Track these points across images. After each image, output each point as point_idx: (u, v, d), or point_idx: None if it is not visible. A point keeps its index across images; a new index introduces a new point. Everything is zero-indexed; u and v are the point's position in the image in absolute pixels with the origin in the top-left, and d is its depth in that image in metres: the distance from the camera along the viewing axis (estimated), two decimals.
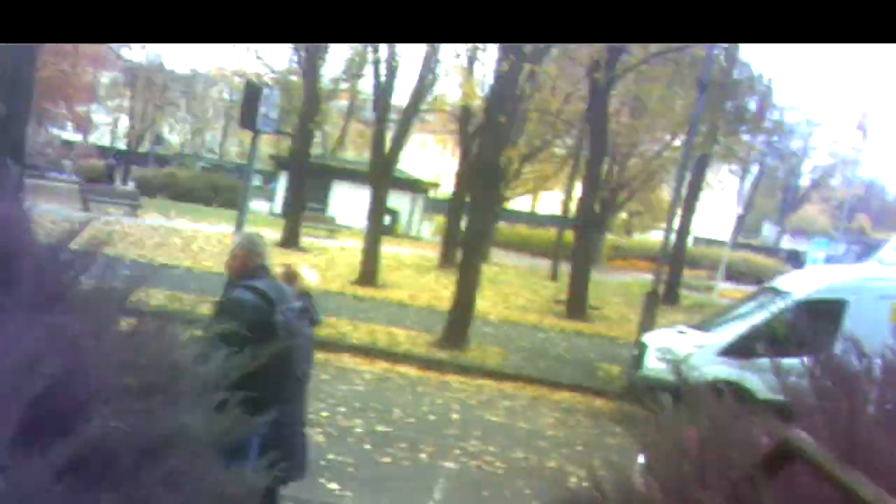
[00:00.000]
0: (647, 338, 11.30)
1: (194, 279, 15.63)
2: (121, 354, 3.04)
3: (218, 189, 38.70)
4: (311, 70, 23.78)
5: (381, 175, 20.12)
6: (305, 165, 25.98)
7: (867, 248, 34.66)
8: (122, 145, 52.64)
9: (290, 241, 24.28)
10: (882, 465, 1.98)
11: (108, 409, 2.48)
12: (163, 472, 2.70)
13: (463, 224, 22.21)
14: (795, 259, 40.71)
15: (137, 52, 47.65)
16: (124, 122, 53.09)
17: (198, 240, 22.47)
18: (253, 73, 36.31)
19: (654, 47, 18.97)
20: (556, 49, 21.52)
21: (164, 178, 40.27)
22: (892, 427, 2.26)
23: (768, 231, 60.20)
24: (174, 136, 60.56)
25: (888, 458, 2.00)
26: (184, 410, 3.41)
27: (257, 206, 39.84)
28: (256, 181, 44.05)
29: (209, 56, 57.49)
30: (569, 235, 23.89)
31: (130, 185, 38.00)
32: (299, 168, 26.07)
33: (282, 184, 36.66)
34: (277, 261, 19.16)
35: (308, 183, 27.37)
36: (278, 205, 36.90)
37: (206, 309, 12.29)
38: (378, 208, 20.29)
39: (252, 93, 7.32)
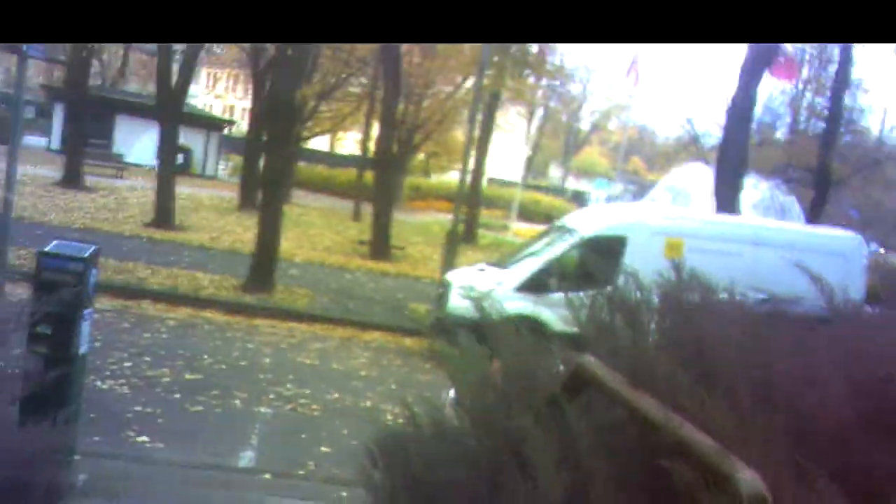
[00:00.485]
0: (451, 276, 11.82)
1: None
2: None
3: None
4: None
5: (170, 110, 19.06)
6: (85, 97, 23.95)
7: (641, 189, 37.97)
8: None
9: (71, 179, 22.50)
10: (663, 386, 2.35)
11: None
12: None
13: (262, 164, 21.69)
14: (580, 199, 43.76)
15: None
16: None
17: None
18: None
19: None
20: None
21: None
22: (670, 351, 2.67)
23: (554, 172, 63.92)
24: None
25: (668, 379, 2.37)
26: None
27: (32, 141, 36.34)
28: (30, 113, 40.00)
29: None
30: (369, 176, 24.08)
31: None
32: (77, 100, 24.00)
33: (59, 117, 33.55)
34: (59, 202, 17.57)
35: (89, 117, 25.33)
36: (56, 140, 33.83)
37: None
38: (169, 146, 19.27)
39: None
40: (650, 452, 2.18)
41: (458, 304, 10.46)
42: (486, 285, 10.89)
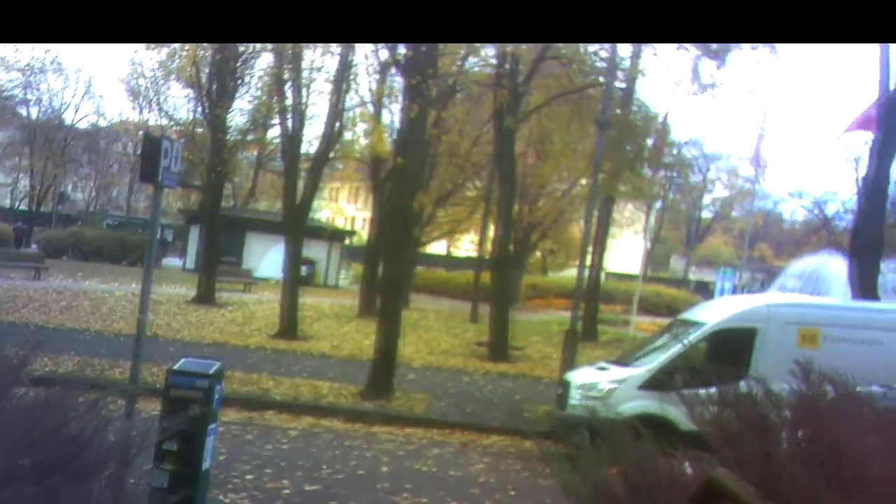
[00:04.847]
0: (571, 376, 11.46)
1: (105, 343, 15.10)
2: (12, 431, 2.83)
3: (126, 247, 37.58)
4: (215, 121, 23.47)
5: (296, 225, 19.95)
6: (217, 218, 25.51)
7: (770, 276, 36.30)
8: (23, 206, 50.70)
9: (205, 296, 23.71)
10: (802, 500, 2.08)
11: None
12: None
13: (381, 271, 22.16)
14: (704, 289, 42.31)
15: (34, 109, 46.31)
16: (25, 182, 51.23)
17: (107, 301, 21.70)
18: (156, 125, 35.80)
19: (553, 90, 19.65)
20: (460, 94, 22.00)
21: (69, 237, 38.87)
22: (808, 462, 2.38)
23: (676, 263, 62.32)
24: (78, 193, 58.69)
25: (807, 492, 2.10)
26: (90, 489, 3.18)
27: (171, 262, 38.89)
28: (169, 237, 43.04)
29: (110, 110, 56.50)
30: (486, 277, 24.14)
31: (34, 247, 36.50)
32: (210, 221, 25.60)
33: (193, 238, 35.87)
34: (192, 318, 18.37)
35: (221, 236, 26.87)
36: (191, 260, 36.05)
37: (117, 374, 11.73)
38: (294, 259, 20.08)
39: (151, 146, 7.06)
40: None
41: (578, 404, 10.09)
42: (608, 384, 10.50)
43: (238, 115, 28.12)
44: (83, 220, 48.20)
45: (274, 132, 28.39)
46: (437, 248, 45.54)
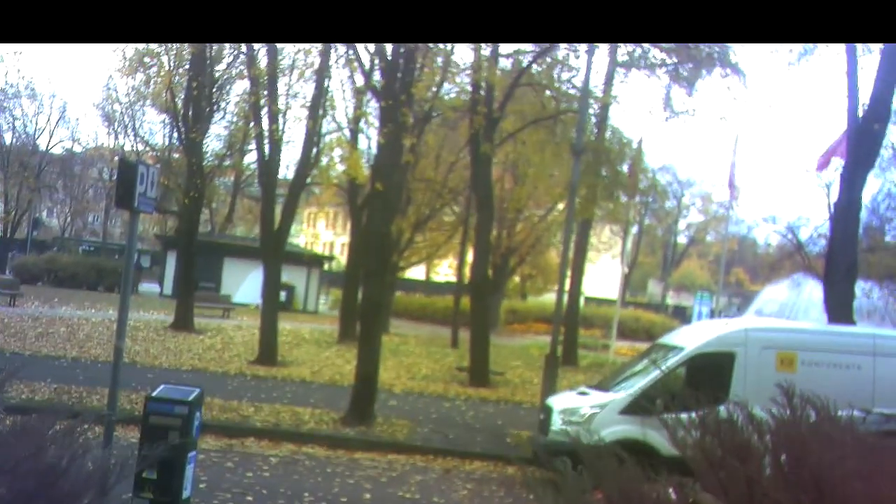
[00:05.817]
0: (552, 401, 11.48)
1: (82, 369, 14.94)
2: None
3: (102, 272, 37.26)
4: (191, 146, 23.37)
5: (274, 250, 19.89)
6: (194, 244, 25.34)
7: (746, 301, 36.69)
8: None
9: (183, 322, 23.51)
10: None
11: None
12: None
13: (360, 296, 22.10)
14: (681, 314, 42.67)
15: (7, 135, 45.90)
16: None
17: (84, 327, 21.45)
18: (131, 150, 35.65)
19: (528, 116, 19.84)
20: (436, 120, 22.16)
21: (44, 263, 38.47)
22: (790, 486, 2.43)
23: (653, 288, 62.76)
24: (53, 219, 58.16)
25: None
26: None
27: (148, 287, 38.53)
28: (146, 262, 42.70)
29: (85, 136, 56.16)
30: (466, 301, 24.17)
31: (8, 273, 36.01)
32: (187, 247, 25.42)
33: (171, 264, 35.61)
34: (170, 344, 18.22)
35: (198, 261, 26.69)
36: (169, 286, 35.77)
37: (95, 401, 11.59)
38: (273, 284, 19.99)
39: (126, 171, 7.03)
40: None
41: (561, 429, 10.10)
42: (590, 409, 10.53)
43: (214, 140, 28.18)
44: (58, 245, 47.69)
45: (250, 157, 28.46)
46: (416, 272, 45.53)
